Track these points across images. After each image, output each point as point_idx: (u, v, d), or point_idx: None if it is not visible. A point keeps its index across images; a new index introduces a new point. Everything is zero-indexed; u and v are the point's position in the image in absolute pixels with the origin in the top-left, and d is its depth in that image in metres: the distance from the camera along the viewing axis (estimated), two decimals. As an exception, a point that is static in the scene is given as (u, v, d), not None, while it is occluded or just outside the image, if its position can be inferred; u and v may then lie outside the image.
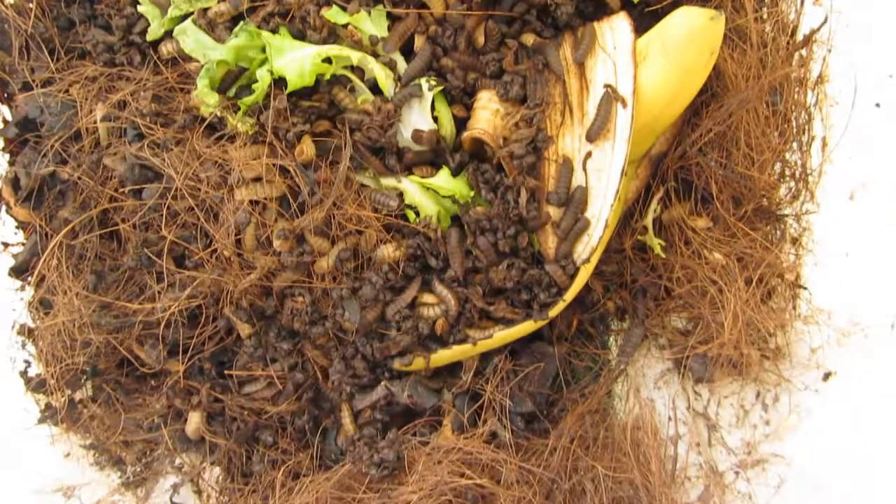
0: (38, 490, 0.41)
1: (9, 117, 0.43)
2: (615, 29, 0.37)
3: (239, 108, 0.38)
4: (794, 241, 0.41)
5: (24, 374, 0.45)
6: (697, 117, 0.39)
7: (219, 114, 0.38)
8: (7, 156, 0.43)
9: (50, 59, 0.42)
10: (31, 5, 0.42)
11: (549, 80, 0.37)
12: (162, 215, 0.38)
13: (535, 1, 0.38)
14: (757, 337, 0.40)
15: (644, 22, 0.37)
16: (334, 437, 0.40)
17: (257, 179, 0.38)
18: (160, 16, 0.40)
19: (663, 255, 0.40)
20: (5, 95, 0.43)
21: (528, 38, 0.38)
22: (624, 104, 0.35)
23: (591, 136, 0.36)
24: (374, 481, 0.36)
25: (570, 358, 0.42)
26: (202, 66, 0.38)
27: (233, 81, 0.38)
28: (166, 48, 0.40)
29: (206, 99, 0.37)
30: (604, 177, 0.36)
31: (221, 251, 0.37)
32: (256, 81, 0.37)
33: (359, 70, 0.38)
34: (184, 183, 0.37)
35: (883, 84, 0.37)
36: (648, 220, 0.40)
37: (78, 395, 0.43)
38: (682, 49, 0.35)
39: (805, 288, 0.39)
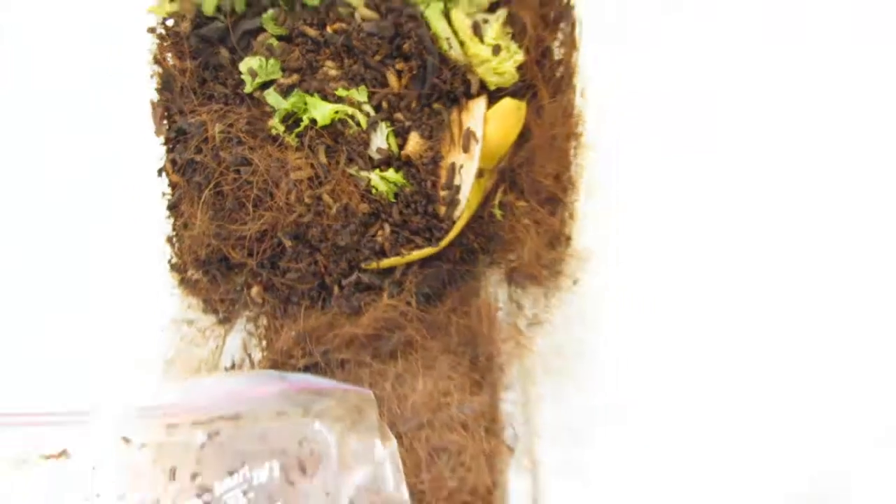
0: (174, 319, 0.77)
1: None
2: (478, 103, 0.72)
3: (291, 132, 0.74)
4: (572, 215, 0.77)
5: (169, 261, 0.81)
6: (519, 149, 0.74)
7: (281, 134, 0.74)
8: (166, 147, 0.79)
9: (194, 98, 0.78)
10: (187, 67, 0.78)
11: (444, 128, 0.73)
12: (249, 182, 0.74)
13: (443, 89, 0.74)
14: (546, 263, 0.76)
15: (493, 101, 0.73)
16: (330, 300, 0.76)
17: (298, 168, 0.74)
18: (251, 80, 0.76)
19: (501, 219, 0.76)
20: (167, 115, 0.79)
21: (437, 105, 0.74)
22: (476, 141, 0.71)
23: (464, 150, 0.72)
24: (348, 316, 0.72)
25: (455, 271, 0.78)
26: (275, 111, 0.74)
27: (289, 118, 0.74)
28: (257, 94, 0.76)
29: (277, 127, 0.73)
30: (468, 177, 0.72)
31: (279, 202, 0.73)
32: (301, 120, 0.73)
33: (352, 116, 0.74)
34: (263, 167, 0.73)
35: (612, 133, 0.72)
36: (496, 201, 0.76)
37: (195, 276, 0.79)
38: (505, 116, 0.71)
39: (570, 238, 0.75)
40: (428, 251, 0.72)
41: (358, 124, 0.71)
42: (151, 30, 0.75)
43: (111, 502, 0.56)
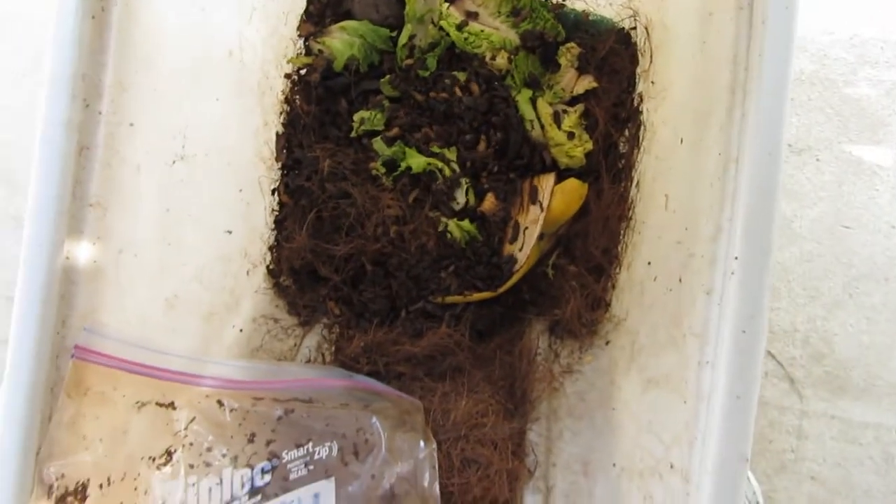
0: (264, 315, 0.90)
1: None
2: (548, 178, 0.85)
3: (389, 175, 0.88)
4: (614, 285, 0.88)
5: (268, 267, 0.96)
6: (577, 221, 0.87)
7: (381, 176, 0.88)
8: (282, 172, 0.94)
9: (312, 136, 0.93)
10: (311, 110, 0.93)
11: (517, 194, 0.86)
12: (347, 212, 0.88)
13: (521, 161, 0.87)
14: (585, 322, 0.87)
15: (560, 178, 0.86)
16: (397, 321, 0.88)
17: (389, 207, 0.87)
18: (358, 127, 0.91)
19: (552, 278, 0.88)
20: (288, 146, 0.94)
21: (513, 174, 0.87)
22: (541, 209, 0.84)
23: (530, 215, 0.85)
24: (410, 337, 0.84)
25: (506, 315, 0.90)
26: (379, 156, 0.88)
27: (389, 164, 0.88)
28: (365, 141, 0.90)
29: (379, 168, 0.87)
30: (530, 239, 0.85)
31: (368, 232, 0.87)
32: (399, 166, 0.87)
33: (441, 170, 0.87)
34: (360, 201, 0.87)
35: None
36: (550, 262, 0.88)
37: (286, 282, 0.92)
38: (569, 193, 0.84)
39: (609, 304, 0.87)
40: (486, 295, 0.84)
41: (444, 177, 0.84)
42: (288, 76, 0.91)
43: (200, 452, 0.68)
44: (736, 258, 0.48)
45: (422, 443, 0.71)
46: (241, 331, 0.82)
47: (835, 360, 1.10)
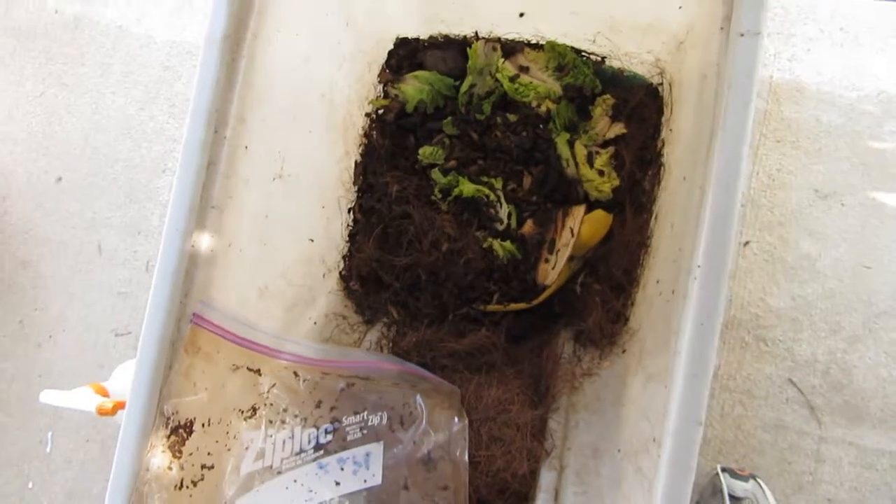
0: (335, 312, 1.07)
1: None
2: (579, 209, 0.99)
3: (444, 200, 1.04)
4: (633, 302, 1.01)
5: (340, 272, 1.13)
6: (602, 246, 1.00)
7: (438, 201, 1.04)
8: (357, 194, 1.12)
9: (384, 165, 1.11)
10: (384, 144, 1.11)
11: (552, 221, 1.01)
12: (407, 230, 1.04)
13: (557, 194, 1.02)
14: (606, 333, 1.00)
15: (590, 209, 1.00)
16: (444, 323, 1.03)
17: (443, 227, 1.04)
18: (423, 160, 1.08)
19: (579, 294, 1.02)
20: (363, 173, 1.12)
21: (550, 204, 1.02)
22: (572, 235, 0.98)
23: (562, 240, 1.00)
24: (454, 336, 0.99)
25: (537, 324, 1.04)
26: (437, 184, 1.05)
27: (445, 190, 1.05)
28: (428, 171, 1.07)
29: (437, 195, 1.04)
30: (561, 260, 0.99)
31: (424, 247, 1.03)
32: (452, 193, 1.04)
33: (488, 196, 1.03)
34: (419, 221, 1.04)
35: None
36: (578, 280, 1.02)
37: (355, 286, 1.10)
38: (596, 222, 0.98)
39: (628, 318, 0.99)
40: (522, 306, 0.97)
41: (490, 202, 1.00)
42: (368, 114, 1.09)
43: (278, 411, 0.85)
44: (699, 266, 0.61)
45: (456, 419, 0.85)
46: (315, 323, 0.99)
47: (853, 390, 1.18)
